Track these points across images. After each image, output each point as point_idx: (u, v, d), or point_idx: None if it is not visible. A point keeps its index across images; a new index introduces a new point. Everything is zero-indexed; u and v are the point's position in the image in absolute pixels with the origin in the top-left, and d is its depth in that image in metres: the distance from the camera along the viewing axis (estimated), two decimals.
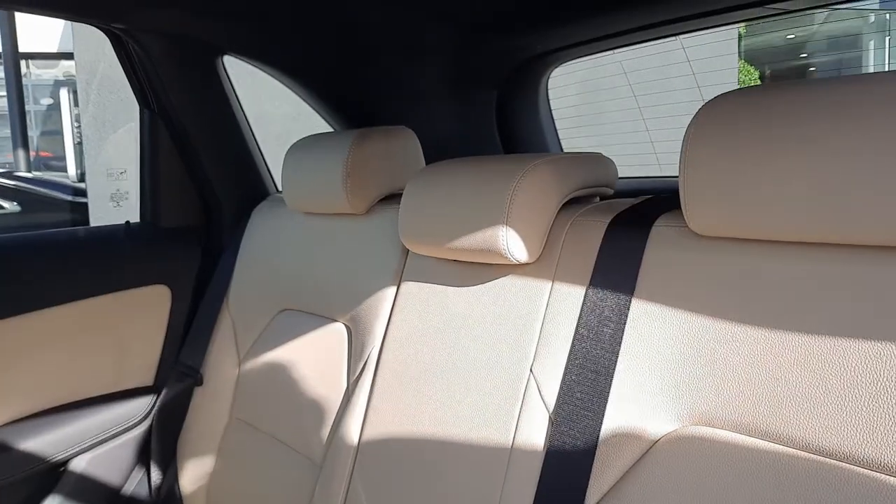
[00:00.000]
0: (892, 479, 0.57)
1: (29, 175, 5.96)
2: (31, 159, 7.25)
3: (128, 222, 1.47)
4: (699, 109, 0.70)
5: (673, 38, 1.46)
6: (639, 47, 1.54)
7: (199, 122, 1.45)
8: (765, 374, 0.66)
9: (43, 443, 1.30)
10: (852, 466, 0.59)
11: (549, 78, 1.76)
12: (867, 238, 0.60)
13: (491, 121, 1.73)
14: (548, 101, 1.81)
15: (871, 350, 0.60)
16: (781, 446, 0.63)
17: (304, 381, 1.19)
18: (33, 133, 9.89)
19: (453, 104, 1.66)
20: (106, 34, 1.35)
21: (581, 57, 1.63)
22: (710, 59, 5.31)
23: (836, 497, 0.58)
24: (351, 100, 1.59)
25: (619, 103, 5.38)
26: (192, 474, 1.35)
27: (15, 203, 5.14)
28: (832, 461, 0.60)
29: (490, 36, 1.47)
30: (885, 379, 0.59)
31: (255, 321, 1.34)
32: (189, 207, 1.52)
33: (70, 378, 1.36)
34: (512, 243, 0.86)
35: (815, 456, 0.61)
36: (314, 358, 1.18)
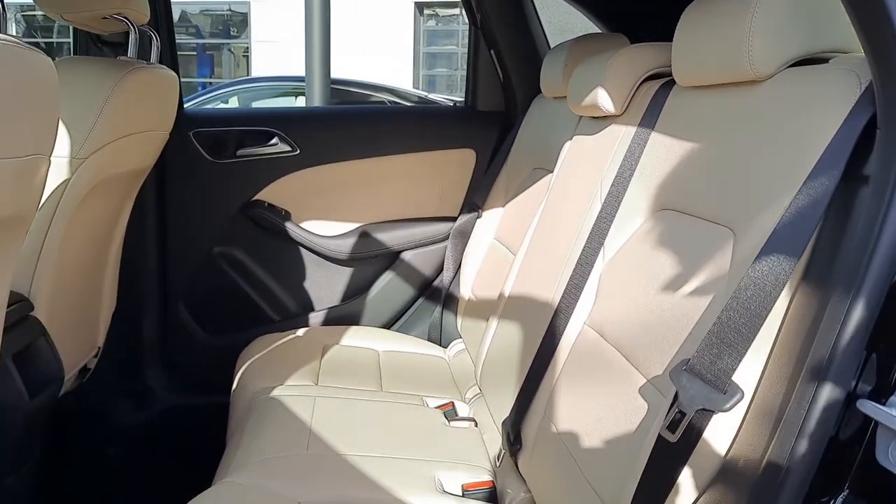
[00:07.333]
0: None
1: None
2: None
3: (454, 104, 2.16)
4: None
5: None
6: None
7: (507, 36, 2.04)
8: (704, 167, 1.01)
9: (389, 237, 2.12)
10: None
11: None
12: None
13: None
14: None
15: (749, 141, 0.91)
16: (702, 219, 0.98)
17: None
18: None
19: None
20: None
21: None
22: None
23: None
24: None
25: None
26: (467, 277, 2.02)
27: None
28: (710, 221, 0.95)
29: None
30: (753, 157, 0.90)
31: (515, 179, 1.91)
32: (496, 97, 2.13)
33: (409, 202, 2.15)
34: None
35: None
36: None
